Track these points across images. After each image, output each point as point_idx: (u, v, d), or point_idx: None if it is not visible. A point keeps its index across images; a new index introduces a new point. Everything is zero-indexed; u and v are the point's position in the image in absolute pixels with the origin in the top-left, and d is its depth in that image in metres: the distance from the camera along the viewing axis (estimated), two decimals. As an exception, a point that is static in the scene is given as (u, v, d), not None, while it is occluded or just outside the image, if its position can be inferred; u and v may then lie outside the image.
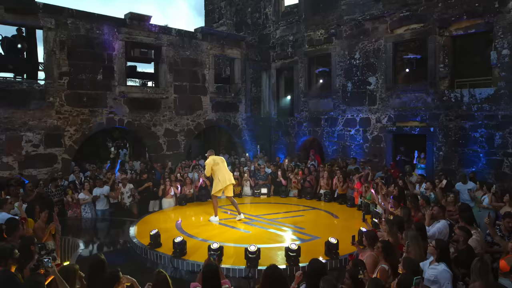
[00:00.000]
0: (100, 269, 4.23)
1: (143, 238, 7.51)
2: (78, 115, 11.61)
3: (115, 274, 3.94)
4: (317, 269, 4.11)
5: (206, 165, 9.17)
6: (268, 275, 3.95)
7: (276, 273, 3.95)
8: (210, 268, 4.01)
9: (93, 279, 4.15)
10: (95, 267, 4.25)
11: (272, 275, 3.93)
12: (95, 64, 11.87)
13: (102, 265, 4.28)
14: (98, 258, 4.35)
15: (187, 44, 13.94)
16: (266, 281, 3.93)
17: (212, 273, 3.95)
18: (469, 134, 11.12)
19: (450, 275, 4.27)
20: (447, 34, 11.54)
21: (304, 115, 15.61)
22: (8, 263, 4.24)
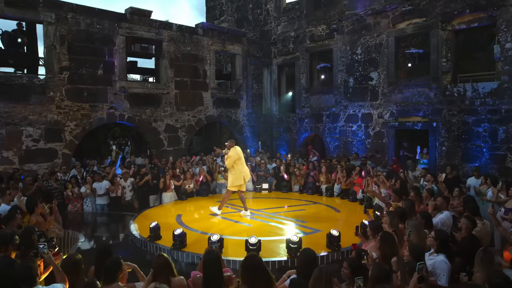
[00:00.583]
0: (107, 256, 4.16)
1: (143, 232, 7.45)
2: (78, 110, 11.56)
3: (117, 262, 3.87)
4: (308, 259, 3.98)
5: (229, 158, 8.62)
6: (247, 264, 3.73)
7: (256, 261, 3.73)
8: (211, 255, 3.90)
9: (100, 266, 4.07)
10: (102, 254, 4.19)
11: (252, 264, 3.75)
12: (96, 59, 11.81)
13: (109, 252, 4.21)
14: (105, 246, 4.29)
15: (188, 39, 13.88)
16: (245, 270, 3.67)
17: (213, 260, 3.83)
18: (472, 129, 11.02)
19: (448, 266, 4.15)
20: (450, 28, 11.44)
21: (306, 111, 15.52)
22: (8, 249, 4.21)
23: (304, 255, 3.98)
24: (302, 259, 3.93)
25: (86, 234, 7.84)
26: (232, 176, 8.68)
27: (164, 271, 3.85)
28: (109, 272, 3.77)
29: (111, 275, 3.75)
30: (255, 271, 3.58)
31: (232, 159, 8.59)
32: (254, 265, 3.65)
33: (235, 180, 8.61)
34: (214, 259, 3.82)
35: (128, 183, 10.18)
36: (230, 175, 8.74)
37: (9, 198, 7.02)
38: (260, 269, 3.66)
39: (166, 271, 3.86)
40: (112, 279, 3.73)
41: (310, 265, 3.81)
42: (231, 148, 8.70)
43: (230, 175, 8.72)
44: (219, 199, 10.46)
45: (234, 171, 8.64)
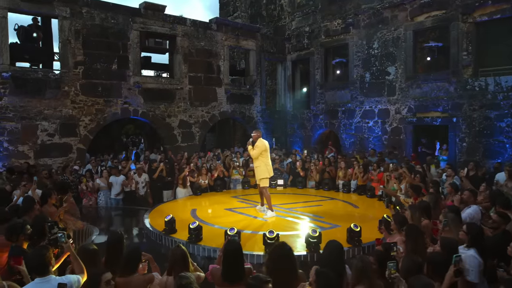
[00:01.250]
0: (119, 246, 4.03)
1: (158, 225, 7.34)
2: (93, 104, 11.55)
3: (137, 252, 3.73)
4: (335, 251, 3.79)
5: (257, 147, 8.08)
6: (276, 252, 3.53)
7: (285, 250, 3.53)
8: (233, 246, 3.73)
9: (111, 257, 3.95)
10: (113, 243, 4.05)
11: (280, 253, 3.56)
12: (110, 54, 11.79)
13: (120, 241, 4.08)
14: (117, 235, 4.15)
15: (202, 34, 13.77)
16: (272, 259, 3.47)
17: (235, 251, 3.66)
18: (494, 124, 10.67)
19: (479, 262, 3.89)
20: (471, 20, 11.10)
21: (321, 108, 15.29)
22: (20, 239, 4.07)
23: (330, 248, 3.79)
24: (329, 251, 3.74)
25: (101, 227, 7.75)
26: (258, 170, 8.18)
27: (179, 263, 3.70)
28: (129, 263, 3.64)
29: (131, 266, 3.62)
30: (282, 260, 3.39)
31: (259, 149, 8.10)
32: (283, 254, 3.45)
33: (263, 173, 8.14)
34: (236, 249, 3.66)
35: (142, 179, 10.10)
36: (256, 169, 8.23)
37: (24, 190, 7.00)
38: (287, 259, 3.48)
39: (182, 264, 3.71)
40: (133, 270, 3.60)
41: (337, 257, 3.63)
42: (258, 139, 8.25)
43: (257, 169, 8.21)
44: (234, 195, 10.39)
45: (259, 164, 8.17)
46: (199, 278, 3.62)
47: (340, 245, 3.85)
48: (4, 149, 10.17)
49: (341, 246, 3.87)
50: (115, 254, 3.95)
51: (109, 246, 4.08)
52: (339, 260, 3.65)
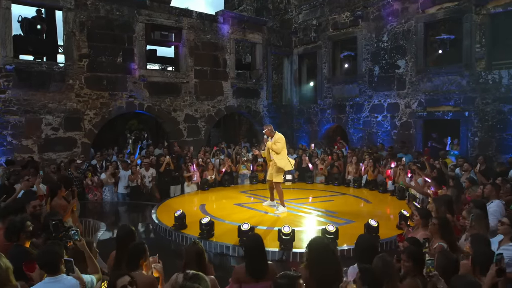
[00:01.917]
0: (130, 240, 3.83)
1: (167, 221, 7.14)
2: (97, 98, 11.34)
3: (140, 247, 3.51)
4: (366, 246, 3.61)
5: (278, 142, 7.75)
6: (316, 246, 3.39)
7: (324, 244, 3.40)
8: (256, 241, 3.58)
9: (122, 252, 3.75)
10: (124, 238, 3.86)
11: (321, 247, 3.38)
12: (115, 47, 11.57)
13: (131, 235, 3.88)
14: (127, 228, 3.95)
15: (208, 27, 13.53)
16: (313, 253, 3.35)
17: (259, 246, 3.52)
18: (508, 118, 10.42)
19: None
20: (484, 12, 10.83)
21: (328, 102, 15.05)
22: (21, 237, 3.73)
23: (361, 243, 3.60)
24: (360, 247, 3.55)
25: (108, 223, 7.56)
26: (277, 163, 7.78)
27: (194, 262, 3.49)
28: (132, 258, 3.44)
29: (133, 261, 3.41)
30: (323, 255, 3.20)
31: (282, 143, 7.81)
32: (323, 248, 3.28)
33: (281, 167, 7.80)
34: (259, 244, 3.48)
35: (148, 173, 9.92)
36: (276, 162, 7.79)
37: (27, 184, 6.78)
38: (329, 253, 3.29)
39: (197, 262, 3.50)
40: (135, 265, 3.39)
41: (370, 252, 3.44)
42: (275, 132, 7.97)
43: (276, 162, 7.78)
44: (242, 190, 10.19)
45: (278, 158, 7.78)
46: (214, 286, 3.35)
47: (371, 239, 3.69)
48: (8, 143, 9.97)
49: (372, 240, 3.70)
50: (126, 249, 3.76)
51: (119, 241, 3.89)
52: (373, 255, 3.47)
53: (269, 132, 7.98)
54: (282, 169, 7.95)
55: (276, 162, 7.82)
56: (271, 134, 7.97)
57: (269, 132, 7.98)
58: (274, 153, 7.96)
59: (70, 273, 3.09)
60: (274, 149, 7.88)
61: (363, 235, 3.87)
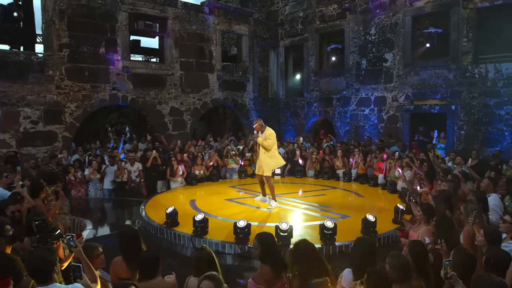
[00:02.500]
0: (134, 242, 3.58)
1: (157, 218, 6.89)
2: (79, 90, 10.88)
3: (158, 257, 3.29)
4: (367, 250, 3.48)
5: (269, 138, 7.55)
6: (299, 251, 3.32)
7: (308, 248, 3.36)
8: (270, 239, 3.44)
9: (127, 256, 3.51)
10: (126, 241, 3.61)
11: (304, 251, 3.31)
12: (97, 36, 11.11)
13: (135, 239, 3.62)
14: (130, 230, 3.69)
15: (194, 18, 13.16)
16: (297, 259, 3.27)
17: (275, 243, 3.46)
18: (493, 112, 10.56)
19: None
20: (472, 6, 10.89)
21: (315, 95, 14.96)
22: (1, 242, 3.40)
23: (360, 246, 3.46)
24: (359, 250, 3.41)
25: (94, 220, 7.25)
26: (268, 160, 7.63)
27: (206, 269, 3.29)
28: (149, 268, 3.21)
29: (151, 271, 3.19)
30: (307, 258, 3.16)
31: (273, 140, 7.61)
32: (307, 252, 3.24)
33: (271, 164, 7.68)
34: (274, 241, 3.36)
35: (134, 168, 9.59)
36: (265, 158, 7.62)
37: (5, 181, 6.40)
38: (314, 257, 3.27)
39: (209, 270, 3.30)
40: (153, 275, 3.18)
41: (369, 256, 3.33)
42: (266, 128, 7.71)
43: (266, 158, 7.61)
44: (231, 184, 9.99)
45: (269, 154, 7.63)
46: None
47: (371, 243, 3.59)
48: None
49: (372, 244, 3.60)
50: (130, 252, 3.52)
51: (122, 244, 3.63)
52: (372, 259, 3.35)
53: (259, 126, 7.70)
54: (272, 163, 7.78)
55: (264, 160, 7.61)
56: (262, 129, 7.73)
57: (259, 127, 7.70)
58: (263, 150, 7.77)
59: (78, 280, 2.83)
60: (265, 146, 7.63)
61: (362, 238, 3.74)
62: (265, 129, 7.69)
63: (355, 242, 3.61)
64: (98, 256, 3.57)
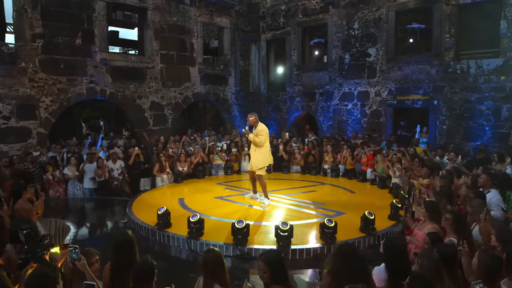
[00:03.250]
0: (129, 249, 3.30)
1: (146, 218, 6.57)
2: (54, 83, 10.29)
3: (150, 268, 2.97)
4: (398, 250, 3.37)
5: (261, 135, 7.36)
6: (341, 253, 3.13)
7: (350, 250, 3.18)
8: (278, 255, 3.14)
9: (119, 264, 3.23)
10: (121, 249, 3.32)
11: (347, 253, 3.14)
12: (73, 27, 10.51)
13: (131, 247, 3.34)
14: (125, 237, 3.40)
15: (174, 9, 12.70)
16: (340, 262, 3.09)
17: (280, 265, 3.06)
18: (475, 107, 10.78)
19: None
20: (454, 2, 11.03)
21: (297, 89, 14.85)
22: None
23: (390, 247, 3.34)
24: (391, 251, 3.28)
25: (77, 223, 6.84)
26: (259, 157, 7.43)
27: (217, 272, 3.07)
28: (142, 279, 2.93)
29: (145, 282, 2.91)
30: (350, 261, 2.90)
31: (265, 136, 7.41)
32: (349, 254, 2.99)
33: (262, 161, 7.47)
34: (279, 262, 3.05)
35: (117, 165, 9.17)
36: (256, 156, 7.44)
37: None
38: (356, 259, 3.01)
39: (220, 273, 3.09)
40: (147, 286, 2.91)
41: (401, 257, 3.21)
42: (258, 124, 7.48)
43: (257, 156, 7.43)
44: (218, 181, 9.75)
45: (260, 151, 7.45)
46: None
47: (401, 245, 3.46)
48: (-50, 134, 8.77)
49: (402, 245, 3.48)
50: (125, 261, 3.24)
51: (116, 252, 3.34)
52: (405, 260, 3.25)
53: (253, 121, 7.49)
54: (262, 161, 7.60)
55: (255, 157, 7.44)
56: (255, 124, 7.52)
57: (253, 121, 7.50)
58: (254, 147, 7.59)
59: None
60: (257, 142, 7.42)
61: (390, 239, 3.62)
62: (257, 125, 7.48)
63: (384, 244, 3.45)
64: (94, 264, 3.30)
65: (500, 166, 8.31)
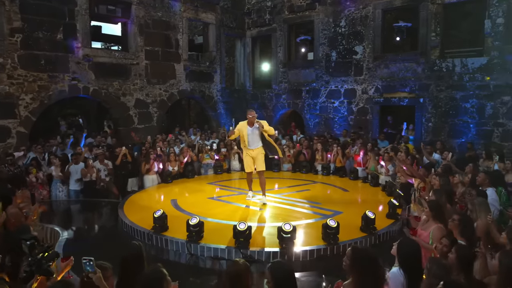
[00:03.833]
0: (138, 264, 3.13)
1: (139, 221, 6.34)
2: (34, 80, 9.84)
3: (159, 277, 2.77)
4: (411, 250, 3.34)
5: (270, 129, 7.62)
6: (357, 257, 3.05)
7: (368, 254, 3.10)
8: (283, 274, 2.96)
9: (127, 278, 3.05)
10: (130, 261, 3.14)
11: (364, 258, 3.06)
12: (54, 21, 10.08)
13: (139, 258, 3.16)
14: (135, 248, 3.22)
15: (159, 4, 12.37)
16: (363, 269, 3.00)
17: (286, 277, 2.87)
18: (460, 104, 10.99)
19: None
20: (439, 1, 11.18)
21: (283, 87, 14.78)
22: None
23: (405, 246, 3.29)
24: (405, 252, 3.24)
25: (65, 227, 6.53)
26: (262, 154, 7.54)
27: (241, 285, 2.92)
28: None
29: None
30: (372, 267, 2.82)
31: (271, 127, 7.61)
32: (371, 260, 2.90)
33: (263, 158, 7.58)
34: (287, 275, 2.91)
35: (103, 166, 8.84)
36: (261, 154, 7.52)
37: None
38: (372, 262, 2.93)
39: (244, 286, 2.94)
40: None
41: (415, 259, 3.17)
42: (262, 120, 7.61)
43: (261, 152, 7.52)
44: (209, 181, 9.56)
45: (262, 151, 7.56)
46: None
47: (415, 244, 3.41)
48: None
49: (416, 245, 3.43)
50: (133, 273, 3.06)
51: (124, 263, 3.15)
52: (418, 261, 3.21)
53: (254, 118, 7.48)
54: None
55: (258, 153, 7.39)
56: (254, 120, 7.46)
57: (254, 119, 7.47)
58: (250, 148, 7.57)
59: None
60: (271, 131, 7.61)
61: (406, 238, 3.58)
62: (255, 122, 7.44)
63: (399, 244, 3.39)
64: (109, 278, 3.10)
65: (488, 163, 8.53)
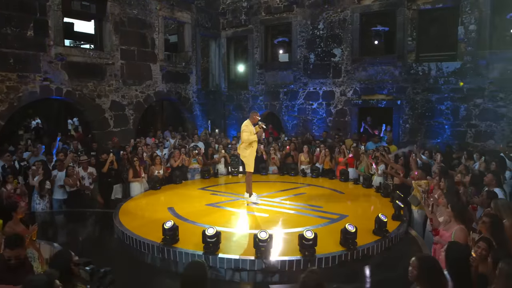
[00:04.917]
0: (201, 285, 2.92)
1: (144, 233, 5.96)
2: (3, 81, 9.05)
3: None
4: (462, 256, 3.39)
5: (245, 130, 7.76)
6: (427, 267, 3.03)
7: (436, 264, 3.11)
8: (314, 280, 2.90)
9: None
10: (192, 281, 2.91)
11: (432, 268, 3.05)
12: (24, 16, 9.30)
13: (203, 278, 2.95)
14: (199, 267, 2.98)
15: (135, 1, 11.81)
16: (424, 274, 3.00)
17: None
18: (435, 106, 11.50)
19: None
20: (415, 7, 11.63)
21: (260, 88, 14.70)
22: None
23: (454, 252, 3.33)
24: (454, 257, 3.28)
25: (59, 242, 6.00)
26: (250, 156, 7.68)
27: None
28: None
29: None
30: None
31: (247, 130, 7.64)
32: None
33: (252, 159, 7.73)
34: None
35: (87, 173, 8.26)
36: (248, 154, 7.66)
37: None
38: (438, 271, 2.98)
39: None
40: None
41: (464, 264, 3.23)
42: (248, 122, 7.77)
43: (249, 154, 7.66)
44: (199, 186, 9.23)
45: (251, 151, 7.68)
46: None
47: (464, 248, 3.45)
48: None
49: (465, 249, 3.47)
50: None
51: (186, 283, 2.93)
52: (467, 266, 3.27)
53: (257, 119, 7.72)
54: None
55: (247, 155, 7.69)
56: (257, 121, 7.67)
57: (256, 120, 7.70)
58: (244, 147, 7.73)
59: None
60: None
61: (454, 242, 3.61)
62: None
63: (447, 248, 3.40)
64: None
65: (469, 162, 8.96)
